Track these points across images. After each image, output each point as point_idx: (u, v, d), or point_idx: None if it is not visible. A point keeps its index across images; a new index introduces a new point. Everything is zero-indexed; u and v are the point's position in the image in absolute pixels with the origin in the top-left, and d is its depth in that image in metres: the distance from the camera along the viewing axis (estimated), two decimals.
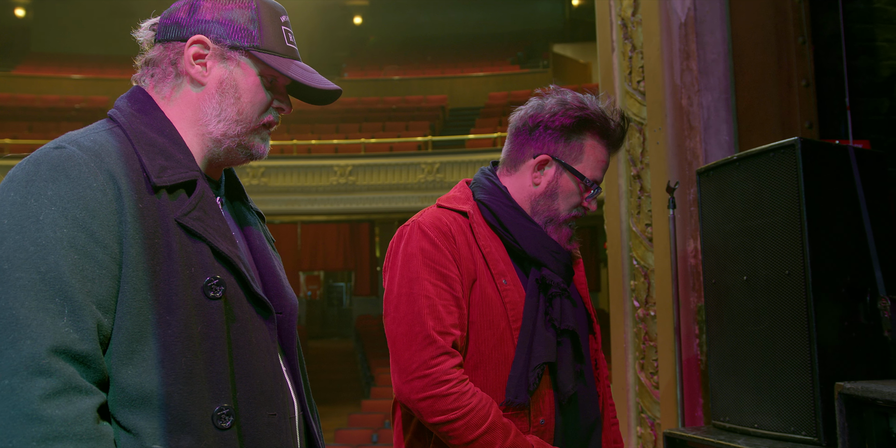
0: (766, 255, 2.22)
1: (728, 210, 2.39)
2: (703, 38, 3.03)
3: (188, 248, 1.18)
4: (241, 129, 1.29)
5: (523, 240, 1.75)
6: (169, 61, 1.29)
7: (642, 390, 3.32)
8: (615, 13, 3.51)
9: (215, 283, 1.19)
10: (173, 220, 1.18)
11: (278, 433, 1.23)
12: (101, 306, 1.11)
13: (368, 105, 19.83)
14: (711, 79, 3.02)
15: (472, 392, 1.61)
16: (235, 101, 1.29)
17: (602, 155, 1.79)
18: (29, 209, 1.10)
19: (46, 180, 1.12)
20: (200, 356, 1.15)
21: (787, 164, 2.15)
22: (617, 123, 1.79)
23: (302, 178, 16.02)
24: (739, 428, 2.30)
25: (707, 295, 2.53)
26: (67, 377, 1.05)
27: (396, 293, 1.67)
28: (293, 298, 1.35)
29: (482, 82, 20.43)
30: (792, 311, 2.12)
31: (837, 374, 2.02)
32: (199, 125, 1.28)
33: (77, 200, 1.12)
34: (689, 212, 3.00)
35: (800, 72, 2.92)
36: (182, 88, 1.29)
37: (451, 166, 16.01)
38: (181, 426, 1.12)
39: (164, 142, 1.24)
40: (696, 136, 3.03)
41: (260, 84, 1.30)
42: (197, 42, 1.27)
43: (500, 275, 1.71)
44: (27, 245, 1.08)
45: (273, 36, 1.30)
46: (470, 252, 1.71)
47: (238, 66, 1.28)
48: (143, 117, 1.26)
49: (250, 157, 1.33)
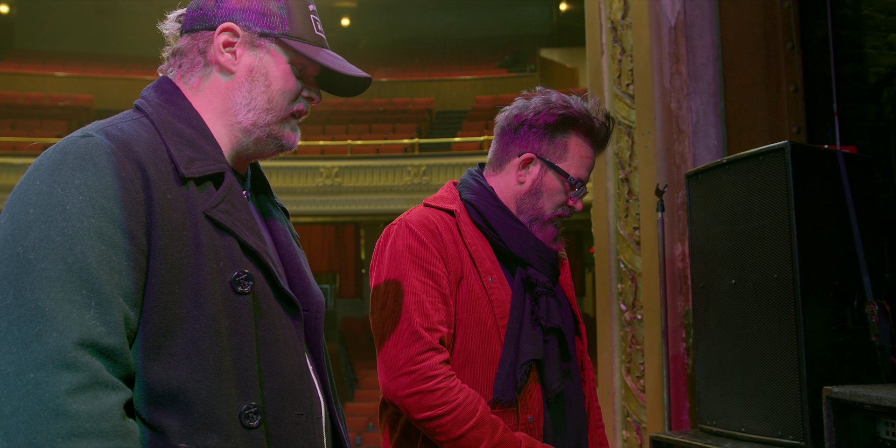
0: (754, 259, 2.22)
1: (717, 213, 2.39)
2: (693, 41, 3.04)
3: (216, 241, 1.15)
4: (271, 118, 1.27)
5: (509, 239, 1.75)
6: (197, 50, 1.27)
7: (628, 394, 3.31)
8: (605, 16, 3.51)
9: (244, 278, 1.16)
10: (201, 212, 1.15)
11: (305, 433, 1.20)
12: (129, 299, 1.07)
13: (355, 107, 19.80)
14: (700, 83, 3.02)
15: (459, 388, 1.60)
16: (266, 89, 1.26)
17: (586, 153, 1.79)
18: (55, 198, 1.07)
19: (73, 169, 1.09)
20: (228, 352, 1.12)
21: (777, 167, 2.15)
22: (601, 122, 1.79)
23: (288, 179, 15.96)
24: (726, 432, 2.30)
25: (695, 298, 2.53)
26: (94, 372, 1.01)
27: (383, 290, 1.66)
28: (320, 296, 1.32)
29: (469, 85, 20.46)
30: (780, 315, 2.12)
31: (825, 379, 2.02)
32: (228, 115, 1.26)
33: (105, 190, 1.09)
34: (676, 215, 3.00)
35: (788, 77, 2.93)
36: (210, 77, 1.27)
37: (438, 169, 16.01)
38: (208, 424, 1.09)
39: (191, 133, 1.22)
40: (685, 139, 3.03)
41: (290, 71, 1.28)
42: (226, 30, 1.25)
43: (486, 273, 1.71)
44: (53, 235, 1.05)
45: (302, 24, 1.28)
46: (457, 250, 1.71)
47: (268, 53, 1.26)
48: (171, 108, 1.23)
49: (280, 148, 1.31)
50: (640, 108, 3.20)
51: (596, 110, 1.80)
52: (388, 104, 19.96)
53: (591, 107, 1.79)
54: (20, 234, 1.06)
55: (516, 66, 21.80)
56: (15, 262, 1.04)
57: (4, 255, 1.05)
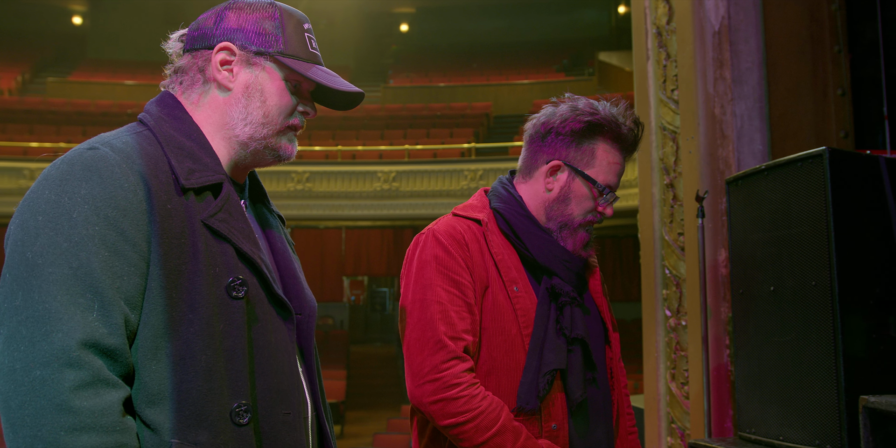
0: (792, 266, 2.20)
1: (756, 220, 2.37)
2: (737, 46, 3.01)
3: (213, 248, 1.22)
4: (267, 132, 1.33)
5: (534, 248, 1.77)
6: (197, 68, 1.34)
7: (673, 400, 3.29)
8: (650, 21, 3.50)
9: (238, 284, 1.22)
10: (200, 221, 1.22)
11: (292, 431, 1.26)
12: (129, 302, 1.15)
13: (413, 112, 19.93)
14: (745, 87, 3.00)
15: (483, 395, 1.62)
16: (261, 105, 1.32)
17: (614, 159, 1.79)
18: (63, 207, 1.15)
19: (80, 180, 1.16)
20: (221, 354, 1.19)
21: (815, 173, 2.13)
22: (629, 127, 1.79)
23: (346, 183, 16.16)
24: (765, 440, 2.28)
25: (735, 305, 2.51)
26: (96, 370, 1.09)
27: (411, 299, 1.70)
28: (312, 300, 1.38)
29: (527, 90, 20.40)
30: (818, 323, 2.10)
31: (864, 388, 1.99)
32: (226, 129, 1.32)
33: (109, 199, 1.16)
34: (720, 221, 2.98)
35: (835, 80, 2.88)
36: (209, 94, 1.33)
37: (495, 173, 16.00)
38: (199, 421, 1.15)
39: (191, 145, 1.28)
40: (729, 144, 3.00)
41: (285, 88, 1.34)
42: (223, 49, 1.32)
43: (511, 282, 1.73)
44: (60, 241, 1.13)
45: (296, 42, 1.34)
46: (483, 259, 1.73)
47: (263, 71, 1.32)
48: (173, 121, 1.30)
49: (278, 159, 1.37)
50: (684, 114, 3.19)
51: (624, 116, 1.79)
52: (445, 109, 20.05)
53: (619, 112, 1.79)
54: (29, 239, 1.14)
55: (574, 70, 21.67)
56: (24, 266, 1.13)
57: (15, 259, 1.14)
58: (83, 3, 23.05)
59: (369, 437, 10.54)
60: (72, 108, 19.10)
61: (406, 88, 21.19)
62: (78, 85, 20.36)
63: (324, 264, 16.44)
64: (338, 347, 15.54)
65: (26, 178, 15.21)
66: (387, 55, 23.16)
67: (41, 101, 19.36)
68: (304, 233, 16.07)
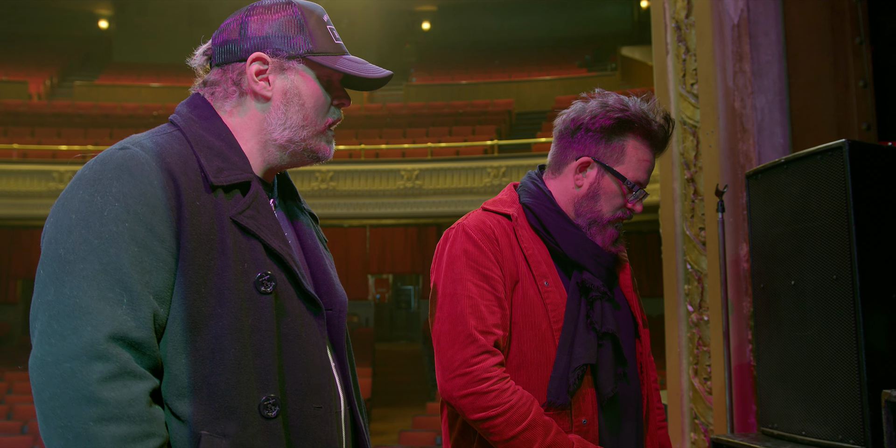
0: (813, 260, 2.19)
1: (776, 213, 2.36)
2: (757, 39, 2.99)
3: (242, 244, 1.24)
4: (306, 134, 1.35)
5: (564, 243, 1.76)
6: (231, 82, 1.35)
7: (696, 396, 3.28)
8: (669, 15, 3.49)
9: (266, 279, 1.24)
10: (229, 217, 1.24)
11: (323, 425, 1.27)
12: (158, 297, 1.18)
13: (435, 109, 19.95)
14: (765, 80, 2.97)
15: (513, 389, 1.63)
16: (300, 108, 1.34)
17: (645, 155, 1.78)
18: (95, 205, 1.18)
19: (112, 179, 1.20)
20: (249, 348, 1.21)
21: (835, 166, 2.11)
22: (659, 124, 1.77)
23: (370, 182, 16.22)
24: (787, 435, 2.27)
25: (756, 299, 2.49)
26: (123, 362, 1.12)
27: (441, 294, 1.71)
28: (343, 296, 1.39)
29: (549, 86, 20.34)
30: (840, 317, 2.08)
31: (886, 382, 1.97)
32: (263, 134, 1.34)
33: (139, 197, 1.19)
34: (741, 215, 2.96)
35: (857, 72, 2.85)
36: (247, 104, 1.35)
37: (518, 170, 15.98)
38: (227, 414, 1.18)
39: (220, 145, 1.30)
40: (750, 138, 2.98)
41: (319, 87, 1.35)
42: (257, 59, 1.33)
43: (541, 277, 1.73)
44: (91, 238, 1.16)
45: (322, 37, 1.35)
46: (513, 254, 1.73)
47: (297, 74, 1.34)
48: (202, 122, 1.32)
49: (316, 160, 1.38)
50: (703, 108, 3.17)
51: (655, 112, 1.77)
52: (468, 106, 20.05)
53: (649, 108, 1.77)
54: (62, 237, 1.18)
55: (597, 66, 21.56)
56: (57, 263, 1.17)
57: (48, 256, 1.18)
58: (109, 7, 23.32)
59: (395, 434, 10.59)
60: (99, 112, 19.34)
61: (428, 86, 21.20)
62: (105, 88, 20.61)
63: (348, 263, 16.51)
64: (363, 345, 15.60)
65: (55, 181, 15.44)
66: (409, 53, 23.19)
67: (69, 105, 19.63)
68: (328, 232, 16.04)
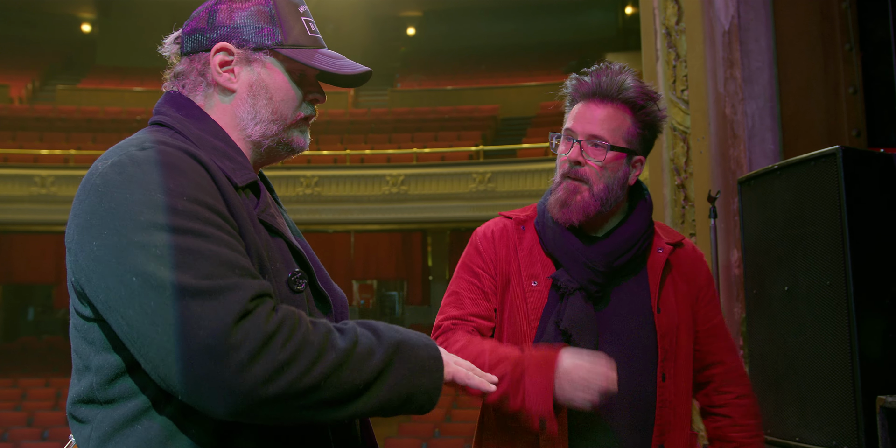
0: (807, 266, 2.19)
1: (769, 219, 2.36)
2: (748, 46, 3.00)
3: (270, 243, 1.21)
4: (277, 128, 1.30)
5: (549, 242, 1.80)
6: (197, 73, 1.29)
7: None
8: (659, 22, 3.50)
9: (298, 277, 1.21)
10: (255, 217, 1.21)
11: (343, 426, 1.26)
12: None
13: (421, 115, 19.95)
14: (756, 87, 2.98)
15: (456, 340, 1.71)
16: (268, 102, 1.29)
17: (578, 108, 1.83)
18: (160, 203, 1.09)
19: (161, 175, 1.11)
20: None
21: (829, 172, 2.11)
22: (576, 78, 1.85)
23: (355, 187, 16.18)
24: (781, 441, 2.26)
25: (749, 305, 2.49)
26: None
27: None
28: (342, 294, 1.38)
29: (534, 92, 20.38)
30: (833, 323, 2.08)
31: (880, 388, 1.98)
32: (238, 130, 1.29)
33: (198, 188, 1.12)
34: (732, 221, 2.96)
35: (847, 79, 2.86)
36: (215, 98, 1.30)
37: (503, 176, 16.00)
38: None
39: (222, 145, 1.25)
40: (740, 144, 2.99)
41: (288, 81, 1.30)
42: (221, 49, 1.27)
43: (530, 277, 1.79)
44: (188, 234, 1.08)
45: (295, 29, 1.29)
46: (508, 255, 1.82)
47: (265, 67, 1.28)
48: (196, 122, 1.26)
49: (291, 152, 1.34)
50: (694, 114, 3.18)
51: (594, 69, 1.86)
52: (453, 112, 20.06)
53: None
54: (153, 242, 1.08)
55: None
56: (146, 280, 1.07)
57: (127, 268, 1.07)
58: (92, 11, 23.18)
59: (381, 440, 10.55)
60: (81, 116, 19.19)
61: (414, 92, 21.21)
62: (87, 92, 20.46)
63: (333, 268, 16.45)
64: None
65: (37, 186, 15.29)
66: (394, 59, 23.20)
67: (51, 109, 19.47)
68: (313, 237, 16.07)
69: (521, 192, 15.77)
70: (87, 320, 1.16)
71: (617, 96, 1.79)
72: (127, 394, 1.14)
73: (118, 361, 1.14)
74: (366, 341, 1.13)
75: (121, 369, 1.14)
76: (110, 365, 1.15)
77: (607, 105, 1.79)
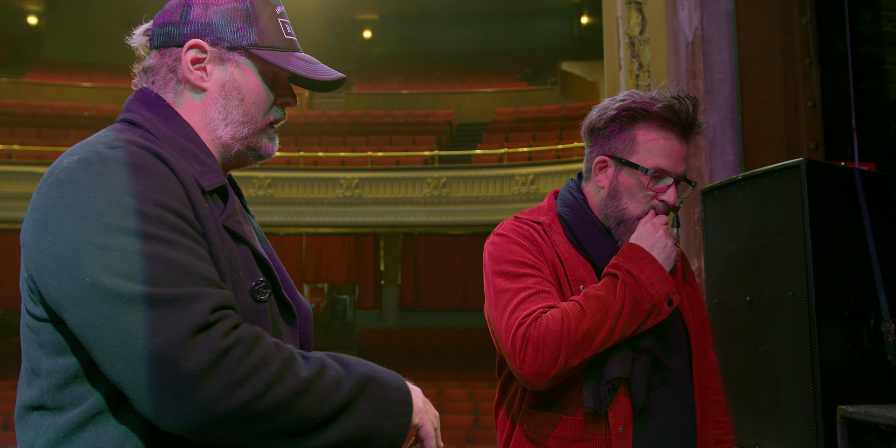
0: (769, 276, 2.21)
1: (732, 230, 2.38)
2: (711, 57, 3.03)
3: (234, 251, 1.16)
4: (248, 131, 1.26)
5: (593, 252, 1.73)
6: (168, 68, 1.25)
7: None
8: (623, 31, 3.52)
9: (262, 286, 1.17)
10: (220, 223, 1.16)
11: None
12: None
13: (376, 118, 19.90)
14: (718, 98, 3.02)
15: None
16: (240, 103, 1.25)
17: (656, 137, 1.70)
18: (126, 205, 1.05)
19: (129, 176, 1.07)
20: None
21: (792, 184, 2.14)
22: (665, 104, 1.69)
23: (308, 190, 16.06)
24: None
25: (711, 315, 2.51)
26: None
27: (491, 292, 1.70)
28: (307, 304, 1.33)
29: (490, 98, 20.49)
30: (794, 333, 2.11)
31: (840, 398, 2.00)
32: (208, 130, 1.25)
33: (166, 192, 1.08)
34: (692, 231, 2.99)
35: (806, 93, 2.92)
36: (185, 95, 1.25)
37: (457, 181, 16.04)
38: None
39: (192, 147, 1.21)
40: (702, 155, 3.02)
41: (261, 83, 1.26)
42: (194, 46, 1.23)
43: (577, 281, 1.70)
44: (152, 239, 1.04)
45: (271, 30, 1.26)
46: (549, 256, 1.71)
47: (238, 67, 1.24)
48: (167, 122, 1.22)
49: (259, 158, 1.30)
50: None
51: (662, 95, 1.72)
52: (408, 116, 20.05)
53: (656, 93, 1.73)
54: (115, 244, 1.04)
55: (537, 79, 21.83)
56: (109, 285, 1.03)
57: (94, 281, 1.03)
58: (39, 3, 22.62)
59: None
60: (26, 110, 18.68)
61: (369, 95, 21.14)
62: (32, 86, 19.94)
63: None
64: None
65: None
66: (350, 61, 23.09)
67: None
68: None
69: (476, 198, 15.82)
70: (39, 320, 1.11)
71: (693, 134, 1.77)
72: (77, 400, 1.09)
73: (70, 365, 1.09)
74: (332, 374, 1.08)
75: (72, 374, 1.09)
76: (61, 369, 1.09)
77: (683, 141, 1.74)
